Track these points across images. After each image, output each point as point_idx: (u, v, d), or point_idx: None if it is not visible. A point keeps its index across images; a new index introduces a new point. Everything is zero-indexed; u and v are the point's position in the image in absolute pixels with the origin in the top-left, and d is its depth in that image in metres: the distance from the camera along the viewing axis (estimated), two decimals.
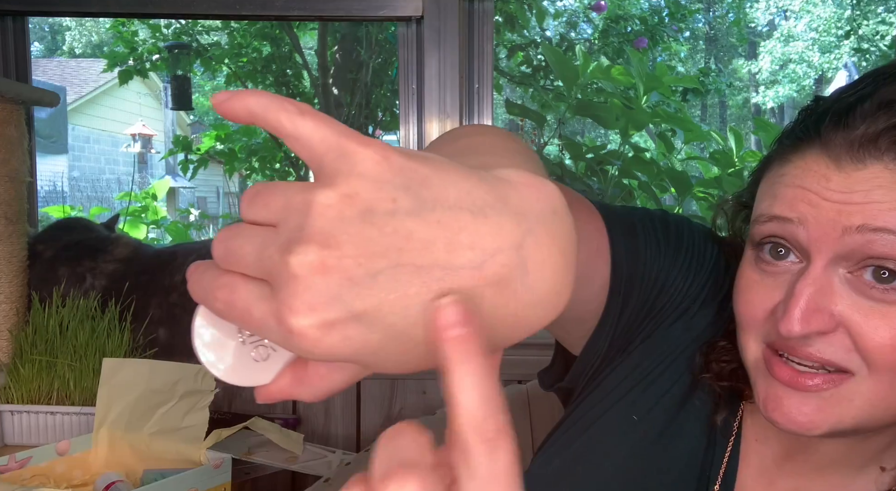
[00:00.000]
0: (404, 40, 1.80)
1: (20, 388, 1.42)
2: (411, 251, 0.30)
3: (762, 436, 0.68)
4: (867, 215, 0.53)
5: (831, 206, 0.54)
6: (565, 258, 0.34)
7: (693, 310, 0.70)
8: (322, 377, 0.35)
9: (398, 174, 0.31)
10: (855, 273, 0.54)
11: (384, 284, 0.30)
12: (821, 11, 14.32)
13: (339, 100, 3.70)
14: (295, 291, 0.30)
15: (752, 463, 0.68)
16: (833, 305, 0.54)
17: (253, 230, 0.32)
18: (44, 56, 14.04)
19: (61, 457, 1.18)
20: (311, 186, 0.31)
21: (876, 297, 0.53)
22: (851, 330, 0.54)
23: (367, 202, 0.30)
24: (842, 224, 0.54)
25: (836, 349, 0.55)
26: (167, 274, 1.62)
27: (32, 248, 1.62)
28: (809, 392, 0.56)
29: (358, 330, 0.31)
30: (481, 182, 0.32)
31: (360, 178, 0.31)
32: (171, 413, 1.20)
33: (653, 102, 2.94)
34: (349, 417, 1.67)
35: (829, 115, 0.57)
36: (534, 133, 3.52)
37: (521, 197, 0.33)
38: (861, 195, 0.54)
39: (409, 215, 0.31)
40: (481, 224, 0.31)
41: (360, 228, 0.30)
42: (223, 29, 3.99)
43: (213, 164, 4.64)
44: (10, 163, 1.50)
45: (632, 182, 2.88)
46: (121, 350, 1.46)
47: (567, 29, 4.67)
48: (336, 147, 0.31)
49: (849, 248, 0.53)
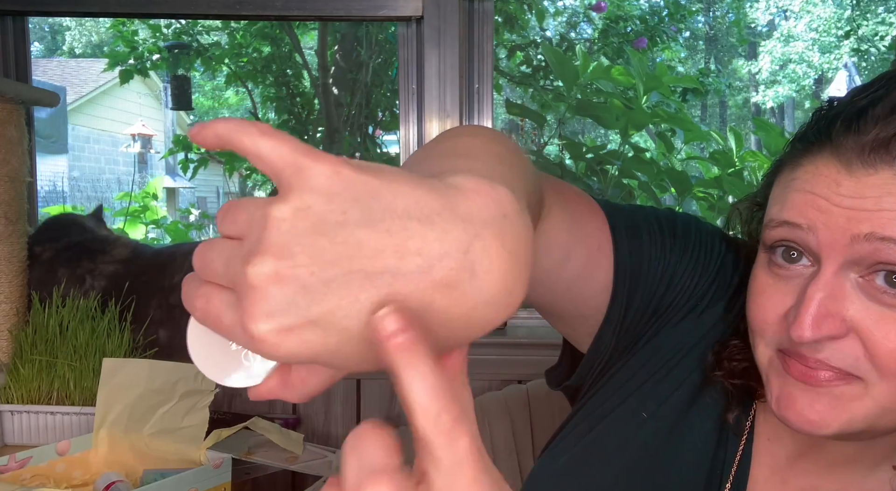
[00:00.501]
0: (404, 40, 1.80)
1: (20, 388, 1.42)
2: (362, 259, 0.33)
3: (774, 435, 0.68)
4: (875, 224, 0.53)
5: (841, 212, 0.54)
6: (517, 260, 0.35)
7: (701, 307, 0.70)
8: (302, 380, 0.38)
9: (349, 187, 0.33)
10: (867, 278, 0.54)
11: (336, 290, 0.33)
12: (821, 11, 14.32)
13: (339, 100, 3.70)
14: (254, 300, 0.33)
15: (763, 462, 0.68)
16: (844, 310, 0.54)
17: (223, 243, 0.35)
18: (44, 56, 14.04)
19: (61, 457, 1.18)
20: (269, 201, 0.34)
21: (887, 302, 0.53)
22: (862, 335, 0.54)
23: (319, 215, 0.33)
24: (851, 231, 0.54)
25: (846, 356, 0.55)
26: (167, 275, 1.62)
27: (30, 249, 1.62)
28: (821, 388, 0.56)
29: (315, 333, 0.33)
30: (431, 191, 0.34)
31: (313, 192, 0.33)
32: (171, 413, 1.20)
33: (653, 102, 2.94)
34: (349, 417, 1.67)
35: (841, 118, 0.56)
36: (534, 133, 3.52)
37: (469, 203, 0.35)
38: (872, 202, 0.53)
39: (358, 226, 0.33)
40: (428, 231, 0.33)
41: (313, 239, 0.33)
42: (223, 29, 3.99)
43: (213, 164, 4.64)
44: (10, 163, 1.50)
45: (632, 182, 2.88)
46: (121, 350, 1.46)
47: (567, 29, 4.67)
48: (292, 163, 0.34)
49: (858, 254, 0.53)
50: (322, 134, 3.85)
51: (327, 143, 3.78)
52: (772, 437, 0.68)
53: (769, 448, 0.68)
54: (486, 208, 0.35)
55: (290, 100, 3.83)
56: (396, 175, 0.34)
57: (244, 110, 8.08)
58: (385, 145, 3.68)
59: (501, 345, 1.61)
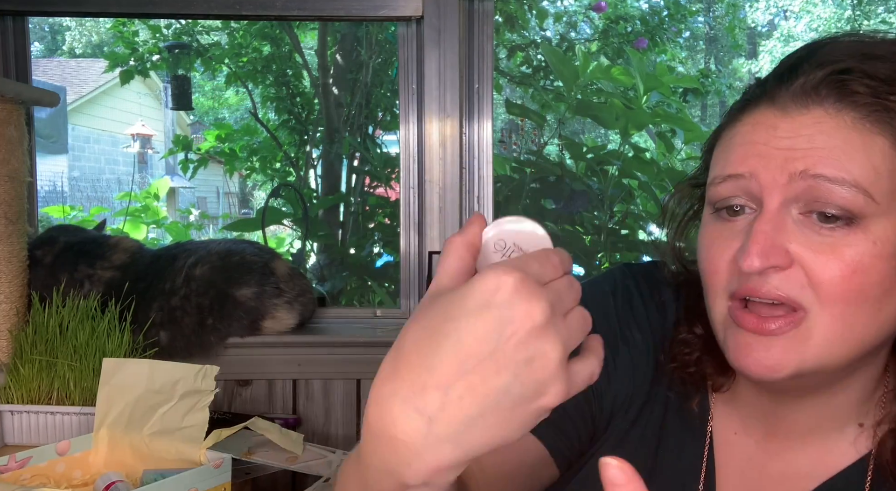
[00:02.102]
0: (404, 40, 1.80)
1: (20, 388, 1.42)
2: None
3: (740, 426, 0.71)
4: (808, 162, 0.59)
5: (779, 153, 0.60)
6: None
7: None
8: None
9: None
10: (805, 214, 0.59)
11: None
12: (821, 11, 14.30)
13: (339, 100, 3.70)
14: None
15: (737, 455, 0.70)
16: (788, 242, 0.59)
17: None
18: (44, 56, 14.03)
19: (61, 457, 1.18)
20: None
21: (825, 234, 0.58)
22: (804, 265, 0.59)
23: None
24: (788, 170, 0.59)
25: (792, 285, 0.59)
26: (167, 278, 1.62)
27: (32, 253, 1.62)
28: (773, 336, 0.60)
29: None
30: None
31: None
32: (171, 413, 1.20)
33: (653, 103, 2.94)
34: (349, 417, 1.67)
35: (773, 75, 0.64)
36: (534, 133, 3.52)
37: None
38: (805, 140, 0.59)
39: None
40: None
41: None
42: (223, 29, 3.98)
43: (213, 164, 4.64)
44: (10, 163, 1.50)
45: (632, 182, 2.88)
46: (121, 350, 1.46)
47: (567, 29, 4.67)
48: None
49: (795, 192, 0.59)
50: (322, 134, 3.84)
51: (327, 143, 3.78)
52: (738, 430, 0.70)
53: (738, 441, 0.70)
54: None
55: (290, 100, 3.83)
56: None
57: (244, 110, 8.08)
58: (385, 145, 3.67)
59: None
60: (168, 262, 1.65)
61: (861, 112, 0.59)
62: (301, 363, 1.65)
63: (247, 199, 9.47)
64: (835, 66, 0.60)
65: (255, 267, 1.62)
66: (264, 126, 3.96)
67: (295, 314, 1.64)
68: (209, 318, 1.58)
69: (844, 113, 0.59)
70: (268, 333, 1.62)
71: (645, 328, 0.75)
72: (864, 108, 0.59)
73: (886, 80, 0.59)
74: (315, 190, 3.81)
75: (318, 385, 1.66)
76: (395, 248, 3.32)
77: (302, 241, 3.03)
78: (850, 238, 0.58)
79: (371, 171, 3.59)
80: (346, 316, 1.87)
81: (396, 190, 2.27)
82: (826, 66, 0.60)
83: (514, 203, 3.07)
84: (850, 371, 0.63)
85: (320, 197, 3.75)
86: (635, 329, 0.75)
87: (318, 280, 3.42)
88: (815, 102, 0.60)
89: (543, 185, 3.16)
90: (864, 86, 0.59)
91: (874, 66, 0.59)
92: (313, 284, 2.03)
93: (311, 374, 1.66)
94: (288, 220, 3.53)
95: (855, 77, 0.59)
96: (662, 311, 0.75)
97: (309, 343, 1.65)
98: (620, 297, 0.76)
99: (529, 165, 3.17)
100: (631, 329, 0.75)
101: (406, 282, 1.84)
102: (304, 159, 3.92)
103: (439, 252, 1.77)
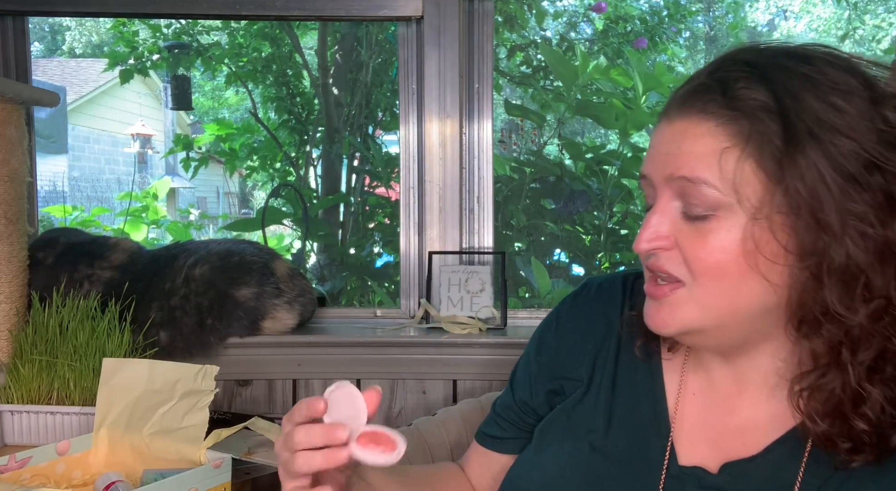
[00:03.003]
0: (404, 40, 1.80)
1: (20, 388, 1.42)
2: None
3: (699, 388, 0.83)
4: (674, 166, 0.72)
5: (661, 157, 0.74)
6: None
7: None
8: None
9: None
10: (683, 207, 0.73)
11: None
12: (821, 11, 14.29)
13: (339, 100, 3.70)
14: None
15: (695, 413, 0.82)
16: (669, 230, 0.73)
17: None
18: (44, 56, 14.01)
19: (61, 457, 1.18)
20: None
21: (695, 224, 0.72)
22: (681, 247, 0.73)
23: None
24: (664, 173, 0.73)
25: (672, 263, 0.74)
26: (167, 278, 1.62)
27: (33, 255, 1.62)
28: (660, 300, 0.75)
29: None
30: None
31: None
32: (171, 413, 1.20)
33: (652, 102, 2.94)
34: None
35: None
36: (534, 133, 3.52)
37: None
38: (675, 146, 0.72)
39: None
40: None
41: None
42: (223, 29, 3.98)
43: (214, 163, 4.64)
44: (10, 163, 1.50)
45: (632, 182, 2.88)
46: (121, 350, 1.46)
47: (567, 29, 4.66)
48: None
49: (673, 189, 0.73)
50: (322, 134, 3.84)
51: (327, 143, 3.78)
52: (696, 391, 0.83)
53: (697, 401, 0.83)
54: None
55: (290, 100, 3.82)
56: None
57: (244, 110, 8.07)
58: (385, 145, 3.67)
59: (501, 345, 1.61)
60: (168, 262, 1.65)
61: (718, 120, 0.70)
62: (301, 363, 1.65)
63: (247, 199, 9.47)
64: (699, 79, 0.73)
65: (255, 267, 1.62)
66: (264, 126, 3.96)
67: (295, 315, 1.64)
68: (209, 318, 1.58)
69: (704, 121, 0.70)
70: (267, 334, 1.62)
71: (600, 318, 0.91)
72: (719, 116, 0.70)
73: (739, 94, 0.69)
74: (315, 190, 3.81)
75: (318, 385, 1.66)
76: (395, 248, 3.32)
77: (302, 242, 3.03)
78: (711, 226, 0.70)
79: (371, 171, 3.59)
80: (346, 316, 1.87)
81: (396, 190, 2.27)
82: (695, 80, 0.74)
83: (514, 203, 3.07)
84: (751, 335, 0.75)
85: (320, 197, 3.75)
86: (596, 321, 0.92)
87: (318, 280, 3.42)
88: (686, 112, 0.72)
89: (543, 185, 3.16)
90: (721, 96, 0.70)
91: (736, 78, 0.70)
92: (313, 284, 2.03)
93: (311, 374, 1.66)
94: (288, 220, 3.53)
95: (715, 90, 0.71)
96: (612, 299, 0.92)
97: (309, 343, 1.65)
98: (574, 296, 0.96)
99: (529, 165, 3.17)
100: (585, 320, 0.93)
101: (406, 282, 1.84)
102: (304, 159, 3.92)
103: (439, 252, 1.78)
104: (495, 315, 1.72)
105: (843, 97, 0.68)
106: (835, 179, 0.66)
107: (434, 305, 1.75)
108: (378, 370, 1.65)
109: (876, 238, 0.66)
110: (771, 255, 0.69)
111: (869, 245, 0.66)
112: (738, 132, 0.69)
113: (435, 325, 1.72)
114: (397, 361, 1.65)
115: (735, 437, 0.79)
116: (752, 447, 0.77)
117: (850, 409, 0.70)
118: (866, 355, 0.69)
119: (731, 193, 0.69)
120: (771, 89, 0.68)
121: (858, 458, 0.71)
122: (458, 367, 1.64)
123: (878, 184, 0.66)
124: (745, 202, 0.69)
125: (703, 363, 0.82)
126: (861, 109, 0.67)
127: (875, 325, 0.68)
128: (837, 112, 0.67)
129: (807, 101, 0.67)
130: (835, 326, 0.69)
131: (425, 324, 1.76)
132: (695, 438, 0.81)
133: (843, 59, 0.71)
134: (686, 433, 0.81)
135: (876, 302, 0.67)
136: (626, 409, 0.85)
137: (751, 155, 0.68)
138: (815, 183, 0.66)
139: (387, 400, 1.66)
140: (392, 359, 1.65)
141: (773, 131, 0.67)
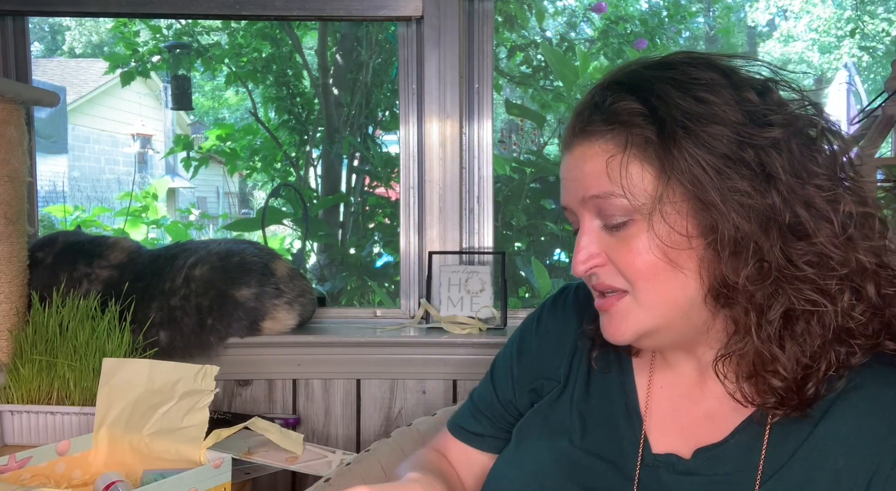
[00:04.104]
0: (404, 40, 1.80)
1: (20, 388, 1.42)
2: None
3: (667, 382, 0.87)
4: (581, 188, 0.78)
5: (571, 184, 0.80)
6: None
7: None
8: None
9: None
10: (604, 223, 0.78)
11: None
12: (821, 11, 14.29)
13: (339, 100, 3.70)
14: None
15: (663, 405, 0.86)
16: (599, 247, 0.79)
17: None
18: (44, 56, 14.01)
19: (61, 457, 1.18)
20: None
21: (617, 235, 0.77)
22: (613, 260, 0.78)
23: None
24: (578, 197, 0.79)
25: (612, 276, 0.79)
26: (167, 278, 1.62)
27: (33, 255, 1.62)
28: (610, 312, 0.80)
29: None
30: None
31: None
32: (171, 413, 1.20)
33: None
34: (349, 417, 1.67)
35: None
36: (534, 133, 3.52)
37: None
38: (578, 171, 0.79)
39: None
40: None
41: None
42: (223, 29, 3.98)
43: (214, 163, 4.64)
44: (10, 163, 1.50)
45: None
46: (121, 350, 1.46)
47: (567, 29, 4.66)
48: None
49: (589, 210, 0.79)
50: (322, 134, 3.84)
51: (327, 143, 3.78)
52: (664, 385, 0.87)
53: (665, 394, 0.87)
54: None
55: (290, 100, 3.82)
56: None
57: (244, 110, 8.07)
58: (385, 145, 3.67)
59: (501, 345, 1.61)
60: (168, 262, 1.65)
61: (603, 136, 0.76)
62: (301, 363, 1.65)
63: (247, 199, 9.46)
64: (581, 108, 0.79)
65: (255, 267, 1.62)
66: (264, 126, 3.96)
67: (295, 315, 1.64)
68: (209, 318, 1.58)
69: (594, 142, 0.77)
70: (267, 334, 1.62)
71: (569, 323, 0.96)
72: (603, 133, 0.76)
73: (613, 108, 0.76)
74: (315, 190, 3.81)
75: (318, 385, 1.66)
76: (395, 248, 3.32)
77: (302, 242, 3.03)
78: (631, 231, 0.76)
79: (371, 171, 3.59)
80: (346, 316, 1.87)
81: (396, 190, 2.27)
82: (578, 110, 0.80)
83: (514, 203, 3.07)
84: (699, 325, 0.79)
85: (320, 197, 3.75)
86: (564, 325, 0.97)
87: (318, 280, 3.42)
88: (578, 140, 0.79)
89: (543, 185, 3.16)
90: (599, 115, 0.77)
91: (607, 97, 0.77)
92: (313, 284, 2.03)
93: (311, 374, 1.66)
94: (288, 220, 3.53)
95: (594, 112, 0.78)
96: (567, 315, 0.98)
97: (309, 343, 1.65)
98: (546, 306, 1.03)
99: (529, 165, 3.17)
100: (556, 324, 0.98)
101: (406, 282, 1.84)
102: (304, 159, 3.92)
103: (439, 252, 1.78)
104: (495, 315, 1.72)
105: (706, 90, 0.74)
106: (711, 163, 0.72)
107: (434, 305, 1.75)
108: (378, 370, 1.65)
109: (757, 207, 0.72)
110: (678, 243, 0.74)
111: (752, 215, 0.72)
112: (621, 141, 0.75)
113: (435, 325, 1.72)
114: (397, 361, 1.65)
115: (703, 424, 0.83)
116: (721, 432, 0.81)
117: (766, 368, 0.76)
118: (774, 315, 0.74)
119: (633, 197, 0.75)
120: (639, 97, 0.75)
121: (780, 411, 0.76)
122: (458, 367, 1.64)
123: (751, 158, 0.72)
124: (645, 201, 0.75)
125: (668, 360, 0.87)
126: (725, 97, 0.74)
127: (774, 287, 0.74)
128: (703, 104, 0.73)
129: (673, 99, 0.74)
130: (740, 294, 0.74)
131: (425, 324, 1.76)
132: (666, 427, 0.85)
133: (701, 57, 0.78)
134: (657, 424, 0.85)
135: (767, 265, 0.73)
136: (600, 406, 0.89)
137: (635, 157, 0.75)
138: (693, 169, 0.72)
139: (387, 400, 1.66)
140: (392, 359, 1.65)
141: (650, 132, 0.74)
